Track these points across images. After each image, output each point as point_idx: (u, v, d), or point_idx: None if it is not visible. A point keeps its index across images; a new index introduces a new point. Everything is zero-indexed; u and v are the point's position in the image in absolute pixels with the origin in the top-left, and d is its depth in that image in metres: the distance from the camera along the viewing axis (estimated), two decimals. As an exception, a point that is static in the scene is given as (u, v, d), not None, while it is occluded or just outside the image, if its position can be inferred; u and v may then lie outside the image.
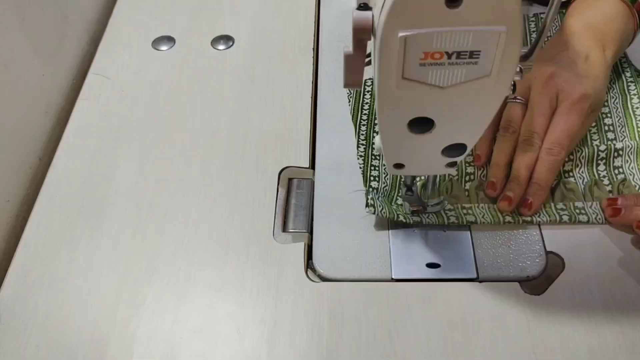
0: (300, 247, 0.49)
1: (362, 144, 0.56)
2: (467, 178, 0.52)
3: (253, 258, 0.49)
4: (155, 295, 0.47)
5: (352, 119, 0.58)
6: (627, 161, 0.52)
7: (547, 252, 0.48)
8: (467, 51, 0.29)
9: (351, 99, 0.60)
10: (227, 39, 0.66)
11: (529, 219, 0.49)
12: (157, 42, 0.67)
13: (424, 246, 0.49)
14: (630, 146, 0.52)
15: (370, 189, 0.52)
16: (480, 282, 0.46)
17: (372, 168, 0.54)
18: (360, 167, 0.54)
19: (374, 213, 0.49)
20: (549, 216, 0.49)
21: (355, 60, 0.33)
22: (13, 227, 0.55)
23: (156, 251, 0.49)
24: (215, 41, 0.66)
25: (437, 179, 0.50)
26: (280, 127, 0.58)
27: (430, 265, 0.48)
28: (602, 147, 0.53)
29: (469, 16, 0.28)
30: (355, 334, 0.44)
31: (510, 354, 0.43)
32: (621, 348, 0.42)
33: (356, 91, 0.61)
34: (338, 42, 0.66)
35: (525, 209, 0.49)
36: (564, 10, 0.58)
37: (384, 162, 0.54)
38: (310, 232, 0.51)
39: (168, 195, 0.53)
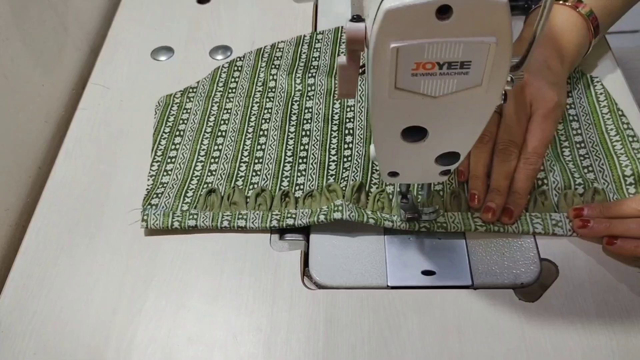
0: (296, 255, 0.50)
1: (157, 161, 0.56)
2: (251, 187, 0.53)
3: (250, 265, 0.49)
4: (152, 303, 0.47)
5: (154, 134, 0.58)
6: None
7: (542, 260, 0.48)
8: (457, 61, 0.30)
9: (158, 111, 0.60)
10: (225, 49, 0.67)
11: (305, 221, 0.50)
12: (156, 52, 0.67)
13: (420, 254, 0.49)
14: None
15: (149, 206, 0.52)
16: (475, 289, 0.47)
17: (160, 186, 0.54)
18: (147, 188, 0.54)
19: (147, 227, 0.50)
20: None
21: (349, 71, 0.34)
22: (12, 236, 0.55)
23: (154, 259, 0.50)
24: (214, 51, 0.67)
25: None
26: (278, 136, 0.59)
27: (426, 273, 0.48)
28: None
29: (459, 27, 0.28)
30: (351, 341, 0.44)
31: (504, 360, 0.43)
32: (614, 355, 0.43)
33: (165, 104, 0.61)
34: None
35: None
36: None
37: (378, 170, 0.54)
38: (307, 240, 0.51)
39: (166, 204, 0.53)
